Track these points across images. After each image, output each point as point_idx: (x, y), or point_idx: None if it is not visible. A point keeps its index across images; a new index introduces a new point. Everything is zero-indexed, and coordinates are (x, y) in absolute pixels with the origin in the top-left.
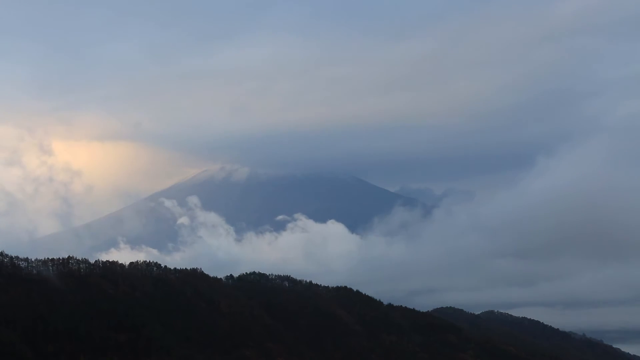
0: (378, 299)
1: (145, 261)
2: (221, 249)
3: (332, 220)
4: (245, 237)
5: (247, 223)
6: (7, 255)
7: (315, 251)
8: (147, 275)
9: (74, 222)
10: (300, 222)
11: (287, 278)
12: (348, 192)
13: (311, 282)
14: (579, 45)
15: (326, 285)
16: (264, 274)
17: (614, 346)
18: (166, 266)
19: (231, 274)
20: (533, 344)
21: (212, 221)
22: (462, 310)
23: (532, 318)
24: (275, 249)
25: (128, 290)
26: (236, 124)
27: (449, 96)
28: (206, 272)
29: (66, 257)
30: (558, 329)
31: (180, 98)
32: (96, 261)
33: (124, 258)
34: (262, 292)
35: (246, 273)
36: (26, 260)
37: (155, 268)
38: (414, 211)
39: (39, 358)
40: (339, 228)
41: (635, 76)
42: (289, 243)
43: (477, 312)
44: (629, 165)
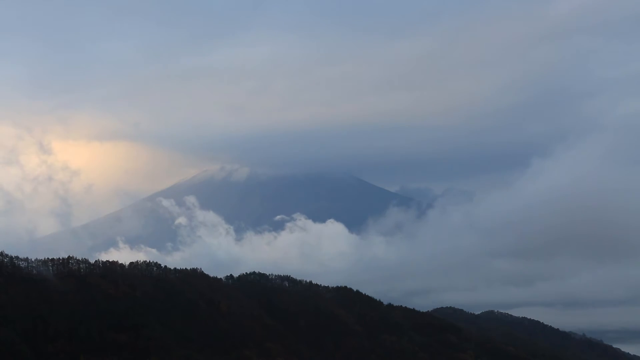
0: (378, 299)
1: (145, 261)
2: (221, 249)
3: (332, 220)
4: (245, 237)
5: (247, 223)
6: (7, 255)
7: (314, 251)
8: (147, 275)
9: (73, 222)
10: (299, 222)
11: (287, 278)
12: (347, 192)
13: (311, 282)
14: (579, 44)
15: (326, 285)
16: (264, 274)
17: (614, 346)
18: (166, 266)
19: (231, 274)
20: (533, 344)
21: (212, 221)
22: (462, 310)
23: (532, 318)
24: (274, 249)
25: (128, 290)
26: (236, 124)
27: (449, 96)
28: (206, 272)
29: (66, 257)
30: (558, 329)
31: (179, 97)
32: (96, 261)
33: (124, 258)
34: (262, 292)
35: (246, 273)
36: (26, 260)
37: (155, 268)
38: (414, 211)
39: (39, 358)
40: (339, 228)
41: (633, 76)
42: (289, 243)
43: (477, 312)
44: (629, 165)
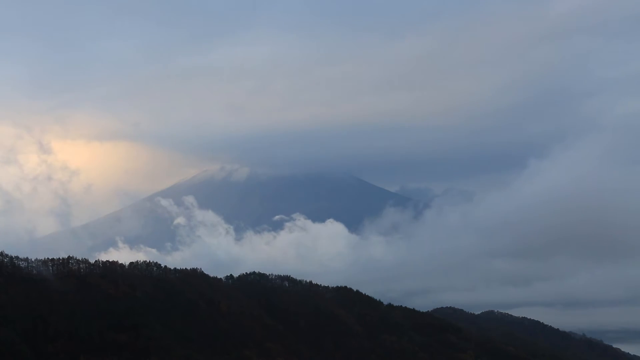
0: (378, 299)
1: (145, 261)
2: (221, 249)
3: (332, 220)
4: (245, 237)
5: (247, 223)
6: (7, 255)
7: (314, 251)
8: (147, 275)
9: (73, 222)
10: (299, 222)
11: (287, 278)
12: (347, 192)
13: (311, 282)
14: (578, 44)
15: (326, 285)
16: (264, 274)
17: (614, 346)
18: (166, 266)
19: (231, 274)
20: (533, 344)
21: (211, 221)
22: (462, 310)
23: (532, 318)
24: (274, 249)
25: (128, 290)
26: (236, 124)
27: (449, 96)
28: (206, 272)
29: (66, 257)
30: (558, 329)
31: (178, 97)
32: (96, 261)
33: (123, 258)
34: (262, 292)
35: (246, 273)
36: (26, 260)
37: (155, 268)
38: (413, 211)
39: (39, 358)
40: (338, 228)
41: (632, 76)
42: (289, 243)
43: (477, 312)
44: (628, 164)
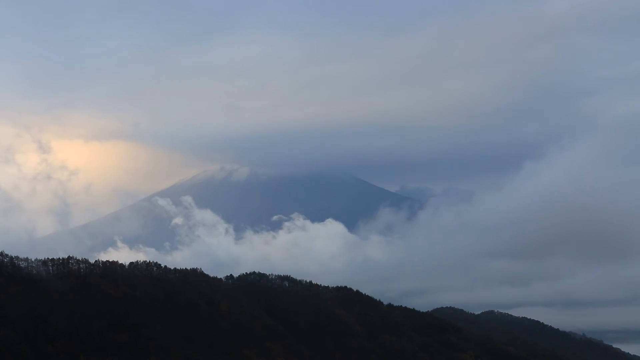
0: (377, 299)
1: (145, 261)
2: (221, 249)
3: (332, 220)
4: (245, 237)
5: (247, 223)
6: (7, 255)
7: (314, 251)
8: (147, 275)
9: (73, 222)
10: (299, 222)
11: (287, 278)
12: (347, 192)
13: (311, 282)
14: (577, 44)
15: (326, 285)
16: (264, 274)
17: (614, 346)
18: (166, 266)
19: (231, 274)
20: (533, 344)
21: (212, 221)
22: (462, 310)
23: (532, 318)
24: (274, 249)
25: (128, 290)
26: (236, 124)
27: (449, 96)
28: (206, 272)
29: (66, 257)
30: (558, 329)
31: (177, 96)
32: (96, 261)
33: (123, 258)
34: (262, 292)
35: (246, 273)
36: (26, 260)
37: (155, 268)
38: (413, 211)
39: (39, 358)
40: (338, 228)
41: (632, 75)
42: (289, 243)
43: (477, 312)
44: (628, 164)
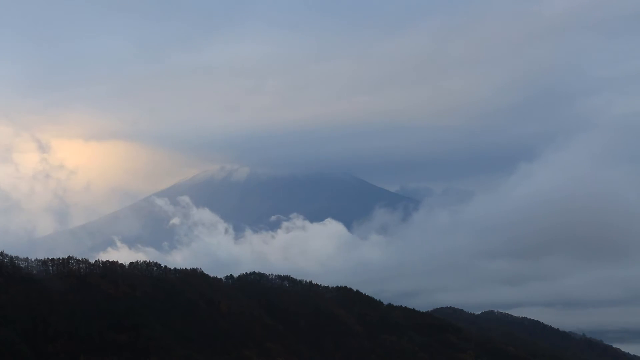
0: (377, 299)
1: (145, 261)
2: (220, 249)
3: (332, 220)
4: (245, 237)
5: (247, 223)
6: (7, 255)
7: (314, 251)
8: (147, 275)
9: (72, 222)
10: (299, 222)
11: (287, 278)
12: (346, 192)
13: (311, 282)
14: (576, 43)
15: (326, 285)
16: (264, 274)
17: (614, 346)
18: (166, 266)
19: (231, 274)
20: (533, 344)
21: (211, 221)
22: (462, 310)
23: (532, 318)
24: (274, 249)
25: (128, 290)
26: (236, 124)
27: (449, 95)
28: (206, 272)
29: (66, 257)
30: (558, 329)
31: (177, 96)
32: (96, 261)
33: (123, 258)
34: (262, 292)
35: (246, 273)
36: (26, 260)
37: (155, 268)
38: (413, 211)
39: (39, 358)
40: (338, 228)
41: (632, 75)
42: (288, 243)
43: (477, 312)
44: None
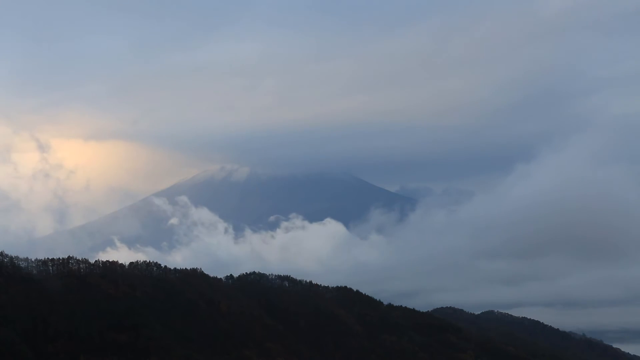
0: (377, 299)
1: (145, 261)
2: (220, 249)
3: (331, 220)
4: (244, 237)
5: (247, 223)
6: (7, 255)
7: (314, 251)
8: (147, 275)
9: (72, 222)
10: (299, 222)
11: (287, 278)
12: (346, 192)
13: (311, 282)
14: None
15: (326, 285)
16: (264, 274)
17: (614, 346)
18: (166, 266)
19: (231, 274)
20: (533, 344)
21: (211, 221)
22: (462, 310)
23: (532, 318)
24: (274, 249)
25: (128, 290)
26: (235, 124)
27: (449, 95)
28: (206, 272)
29: (66, 257)
30: (558, 329)
31: (176, 96)
32: (96, 261)
33: (122, 258)
34: (262, 292)
35: (246, 273)
36: (26, 260)
37: (155, 268)
38: (412, 211)
39: (39, 358)
40: (338, 228)
41: (632, 75)
42: (288, 242)
43: (477, 312)
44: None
